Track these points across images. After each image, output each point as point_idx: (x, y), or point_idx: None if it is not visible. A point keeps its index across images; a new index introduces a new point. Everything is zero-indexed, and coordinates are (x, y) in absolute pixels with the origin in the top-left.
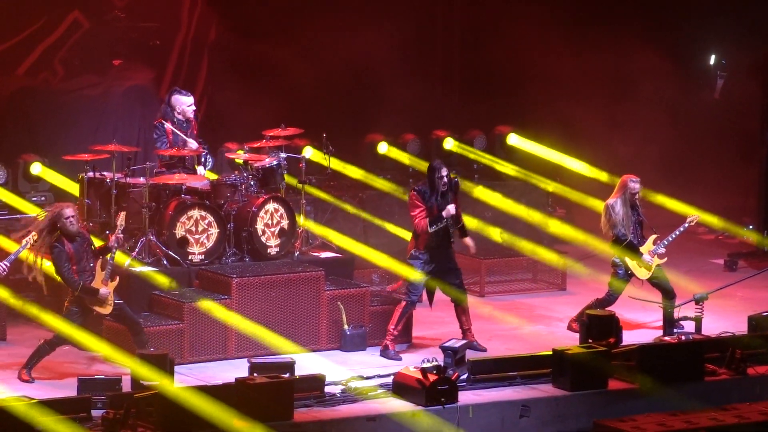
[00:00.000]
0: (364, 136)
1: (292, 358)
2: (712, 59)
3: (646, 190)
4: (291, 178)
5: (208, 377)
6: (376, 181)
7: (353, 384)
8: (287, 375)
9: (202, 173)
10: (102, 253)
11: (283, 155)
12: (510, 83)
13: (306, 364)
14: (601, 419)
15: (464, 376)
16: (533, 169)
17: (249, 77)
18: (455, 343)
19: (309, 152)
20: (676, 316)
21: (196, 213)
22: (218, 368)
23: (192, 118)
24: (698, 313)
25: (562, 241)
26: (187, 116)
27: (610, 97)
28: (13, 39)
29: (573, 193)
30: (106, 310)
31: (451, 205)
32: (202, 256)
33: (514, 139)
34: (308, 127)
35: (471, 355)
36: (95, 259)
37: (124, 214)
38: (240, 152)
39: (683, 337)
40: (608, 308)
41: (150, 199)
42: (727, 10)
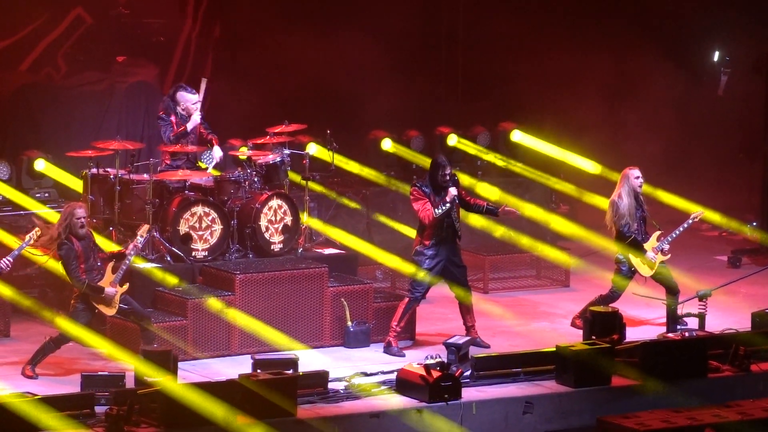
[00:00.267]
0: (368, 133)
1: (295, 355)
2: (716, 56)
3: (649, 187)
4: (295, 175)
5: (211, 373)
6: (380, 178)
7: (357, 380)
8: (291, 371)
9: (217, 157)
10: (116, 258)
11: (287, 152)
12: (514, 80)
13: (309, 361)
14: (604, 416)
15: (468, 373)
16: (537, 166)
17: (253, 73)
18: (459, 340)
19: (313, 149)
20: (679, 313)
21: (199, 209)
22: (222, 364)
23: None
24: (702, 310)
25: (566, 238)
26: (190, 113)
27: (613, 93)
28: (16, 35)
29: (576, 190)
30: (110, 312)
31: (452, 188)
32: (206, 253)
33: (517, 136)
34: (312, 124)
35: (474, 352)
36: (105, 260)
37: (147, 227)
38: (243, 149)
39: (687, 334)
40: (612, 305)
41: (153, 196)
42: (731, 6)
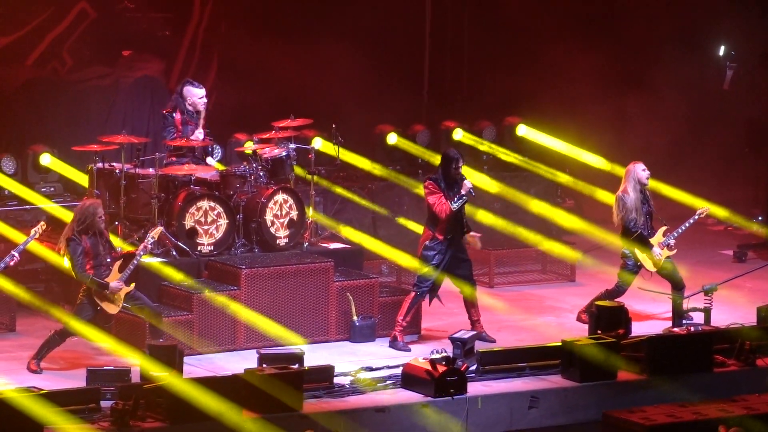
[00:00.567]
0: (374, 127)
1: (301, 349)
2: (722, 50)
3: (655, 181)
4: (300, 169)
5: (217, 368)
6: (386, 172)
7: (362, 375)
8: (296, 366)
9: (212, 164)
10: (126, 258)
11: (293, 146)
12: (519, 74)
13: (315, 355)
14: (610, 410)
15: (473, 368)
16: (542, 160)
17: (259, 67)
18: (464, 334)
19: (318, 143)
20: (685, 308)
21: (205, 204)
22: (227, 359)
23: (202, 111)
24: (707, 305)
25: (571, 232)
26: (198, 108)
27: (619, 88)
28: (21, 30)
29: (582, 185)
30: (113, 310)
31: (467, 180)
32: (211, 247)
33: (523, 130)
34: (317, 118)
35: (480, 346)
36: (116, 259)
37: (160, 230)
38: (249, 143)
39: (692, 329)
40: (617, 299)
41: (159, 190)
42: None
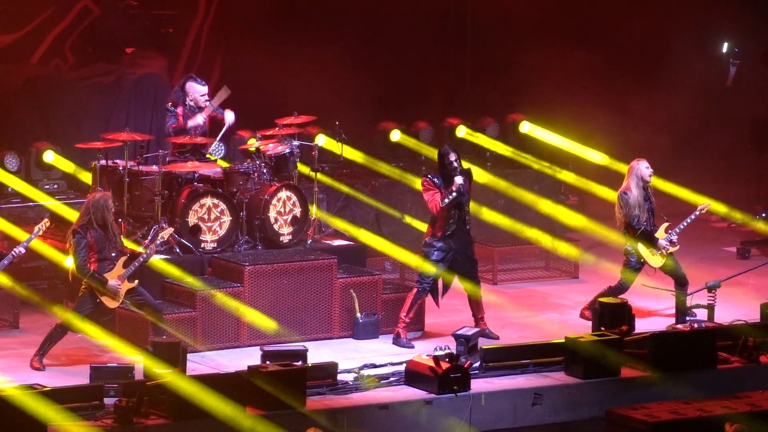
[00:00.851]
0: (377, 124)
1: (304, 346)
2: (725, 47)
3: (657, 178)
4: (303, 166)
5: (220, 365)
6: (389, 169)
7: (365, 372)
8: (300, 363)
9: (229, 120)
10: (132, 256)
11: (296, 143)
12: (523, 71)
13: (319, 352)
14: (613, 407)
15: (477, 364)
16: (546, 157)
17: (263, 64)
18: (468, 331)
19: (322, 140)
20: (688, 304)
21: (208, 201)
22: (231, 356)
23: (204, 107)
24: (711, 301)
25: (574, 229)
26: (199, 105)
27: (622, 85)
28: (24, 28)
29: (585, 182)
30: (112, 304)
31: (458, 177)
32: (215, 244)
33: (526, 127)
34: (321, 115)
35: (483, 343)
36: (120, 253)
37: (170, 231)
38: (252, 140)
39: (696, 325)
40: (621, 296)
41: (162, 187)
42: None
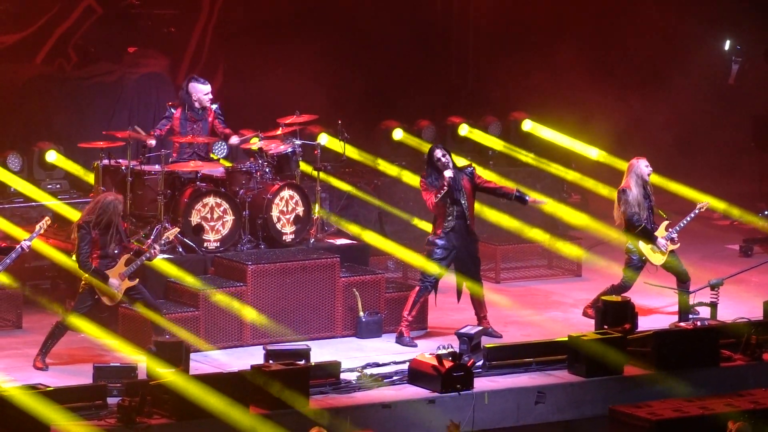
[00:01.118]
0: (379, 123)
1: (307, 345)
2: (727, 45)
3: (659, 177)
4: (306, 165)
5: (223, 365)
6: (391, 168)
7: (368, 371)
8: (303, 362)
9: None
10: (135, 254)
11: (298, 142)
12: (525, 69)
13: (322, 351)
14: (616, 405)
15: (480, 363)
16: (548, 156)
17: (265, 64)
18: (471, 330)
19: (324, 139)
20: (691, 302)
21: (211, 200)
22: (234, 355)
23: (209, 107)
24: (713, 299)
25: (577, 228)
26: (203, 105)
27: (625, 83)
28: (29, 28)
29: (588, 180)
30: (110, 302)
31: (448, 171)
32: (218, 244)
33: (529, 126)
34: (323, 114)
35: (486, 342)
36: (124, 250)
37: (176, 232)
38: (255, 139)
39: (698, 323)
40: (623, 294)
41: (165, 187)
42: None
